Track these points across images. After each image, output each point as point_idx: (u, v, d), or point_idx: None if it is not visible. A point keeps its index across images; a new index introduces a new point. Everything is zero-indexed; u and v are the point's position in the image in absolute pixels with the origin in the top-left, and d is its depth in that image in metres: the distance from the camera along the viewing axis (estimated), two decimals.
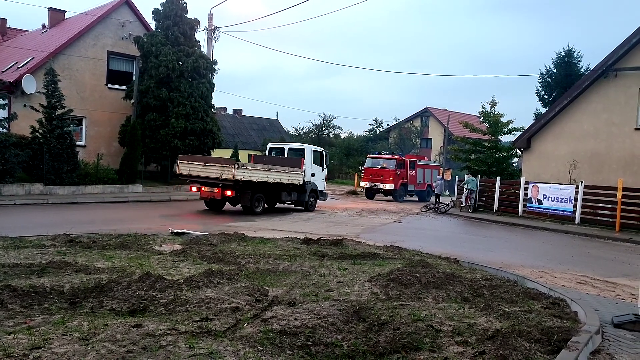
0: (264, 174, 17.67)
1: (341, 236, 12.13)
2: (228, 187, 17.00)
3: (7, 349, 3.90)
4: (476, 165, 28.27)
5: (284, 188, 19.00)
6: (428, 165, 35.23)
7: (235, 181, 16.57)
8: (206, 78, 26.68)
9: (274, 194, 19.13)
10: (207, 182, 17.42)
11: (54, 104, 20.44)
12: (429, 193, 33.16)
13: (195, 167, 17.42)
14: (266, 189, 18.30)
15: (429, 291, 6.64)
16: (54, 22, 31.31)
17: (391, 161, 31.37)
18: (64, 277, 6.40)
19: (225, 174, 16.53)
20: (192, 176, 17.57)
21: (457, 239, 15.31)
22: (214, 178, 16.89)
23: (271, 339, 4.49)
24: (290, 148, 21.68)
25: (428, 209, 24.70)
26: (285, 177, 18.54)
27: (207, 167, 17.16)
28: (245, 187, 17.40)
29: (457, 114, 57.13)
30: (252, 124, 66.16)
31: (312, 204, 20.79)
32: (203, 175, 17.24)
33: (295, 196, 19.88)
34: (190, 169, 17.48)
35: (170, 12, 26.05)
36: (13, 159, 18.81)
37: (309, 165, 20.49)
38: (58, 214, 15.51)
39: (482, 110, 29.36)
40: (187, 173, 17.58)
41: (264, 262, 8.12)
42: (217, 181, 16.90)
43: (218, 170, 16.76)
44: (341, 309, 5.49)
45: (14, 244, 8.59)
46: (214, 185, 17.28)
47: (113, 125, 26.54)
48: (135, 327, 4.58)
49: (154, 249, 9.03)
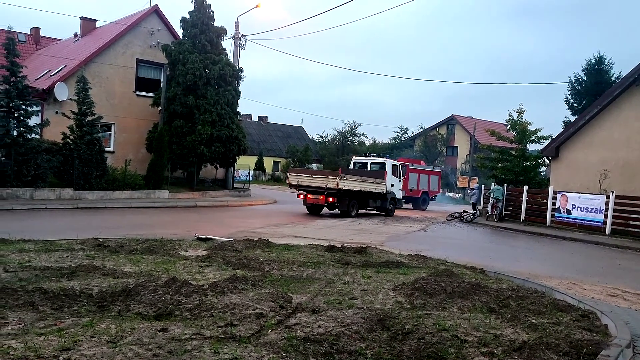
0: (357, 184, 21.07)
1: (365, 244, 12.09)
2: (331, 194, 20.49)
3: (38, 350, 3.99)
4: (503, 174, 27.89)
5: (371, 196, 22.44)
6: (424, 170, 32.06)
7: (338, 190, 20.04)
8: (232, 85, 27.00)
9: (363, 201, 22.37)
10: (312, 191, 20.93)
11: (84, 110, 20.91)
12: (424, 201, 31.21)
13: (304, 178, 21.14)
14: (358, 196, 21.77)
15: (454, 301, 6.57)
16: (85, 31, 32.11)
17: None
18: (92, 281, 6.52)
19: (330, 184, 20.05)
20: (300, 186, 21.19)
21: (482, 248, 15.11)
22: (319, 187, 20.44)
23: (295, 346, 4.49)
24: (373, 162, 25.34)
25: (453, 217, 24.47)
26: (373, 186, 22.05)
27: (313, 178, 20.91)
28: (343, 195, 20.81)
29: (484, 122, 56.56)
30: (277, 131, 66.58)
31: (391, 209, 24.12)
32: (310, 185, 20.82)
33: (379, 203, 23.13)
34: (299, 180, 21.14)
35: (197, 21, 26.47)
36: (45, 164, 19.29)
37: (390, 176, 23.90)
38: (87, 219, 15.82)
39: (509, 118, 28.99)
40: (296, 183, 21.24)
41: (287, 268, 8.14)
42: (322, 190, 20.37)
43: (324, 180, 20.34)
44: (365, 317, 5.47)
45: (45, 248, 8.78)
46: (318, 193, 20.75)
47: (141, 131, 27.00)
48: (161, 331, 4.64)
49: (179, 254, 9.12)
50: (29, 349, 4.02)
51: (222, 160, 27.32)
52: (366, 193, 21.98)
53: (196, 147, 25.05)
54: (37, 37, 37.12)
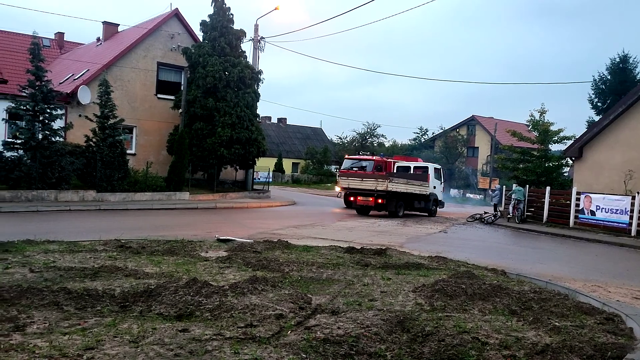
0: (404, 186, 22.39)
1: (385, 245, 12.05)
2: (380, 196, 21.90)
3: (63, 349, 4.07)
4: (524, 175, 27.58)
5: (416, 197, 23.75)
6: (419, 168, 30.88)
7: (387, 192, 21.52)
8: (251, 88, 27.14)
9: (409, 202, 23.73)
10: (362, 193, 22.42)
11: (106, 113, 21.21)
12: None
13: (354, 181, 22.76)
14: (405, 198, 23.14)
15: (474, 303, 6.51)
16: (108, 35, 32.60)
17: (369, 162, 26.29)
18: (115, 281, 6.61)
19: (379, 186, 21.52)
20: (351, 188, 22.94)
21: (504, 250, 14.95)
22: (369, 189, 21.93)
23: (314, 347, 4.50)
24: (416, 166, 26.48)
25: (474, 219, 24.24)
26: (418, 188, 23.30)
27: (363, 181, 22.38)
28: (391, 197, 22.18)
29: (505, 123, 55.98)
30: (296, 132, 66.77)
31: (434, 210, 25.40)
32: (360, 188, 22.38)
33: (423, 204, 24.40)
34: (350, 183, 22.92)
35: (217, 24, 26.67)
36: (68, 166, 19.61)
37: (432, 179, 24.94)
38: (109, 220, 16.04)
39: (531, 118, 28.67)
40: (346, 186, 23.14)
41: (307, 270, 8.15)
42: (372, 192, 21.86)
43: (373, 183, 21.83)
44: (385, 319, 5.45)
45: (69, 248, 8.93)
46: (368, 195, 22.18)
47: (162, 134, 27.31)
48: (182, 331, 4.69)
49: (200, 255, 9.20)
50: (53, 347, 4.10)
51: (242, 162, 27.48)
52: (412, 195, 23.34)
53: (216, 149, 25.23)
54: (61, 42, 37.78)
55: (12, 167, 18.37)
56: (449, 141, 58.68)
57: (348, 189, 23.36)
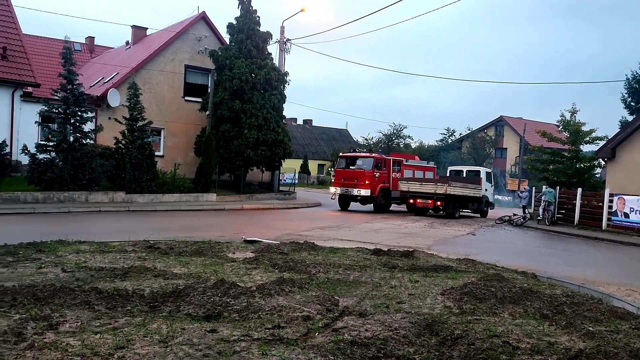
0: (460, 189, 23.92)
1: (412, 248, 11.95)
2: (439, 199, 23.65)
3: (94, 348, 4.13)
4: (555, 176, 27.06)
5: (470, 200, 25.23)
6: (419, 166, 29.03)
7: (446, 195, 23.21)
8: (278, 89, 27.23)
9: (464, 204, 25.16)
10: (422, 196, 24.07)
11: (135, 116, 21.54)
12: None
13: (414, 185, 24.48)
14: (460, 200, 24.55)
15: (505, 306, 6.39)
16: (136, 39, 33.17)
17: (367, 160, 25.37)
18: (144, 282, 6.69)
19: (439, 190, 23.27)
20: (411, 192, 24.50)
21: (534, 252, 14.68)
22: (429, 193, 23.70)
23: (342, 349, 4.47)
24: (468, 170, 28.45)
25: (503, 221, 23.89)
26: (472, 191, 24.87)
27: (423, 185, 24.23)
28: (449, 199, 23.71)
29: (534, 123, 55.02)
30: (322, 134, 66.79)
31: (486, 212, 26.68)
32: (420, 191, 24.11)
33: (476, 205, 25.85)
34: (409, 187, 24.55)
35: (243, 26, 26.85)
36: (99, 168, 19.97)
37: (484, 182, 26.37)
38: (138, 221, 16.28)
39: (562, 118, 28.13)
40: (406, 190, 24.58)
41: (334, 271, 8.13)
42: (431, 195, 23.63)
43: (433, 187, 23.65)
44: (413, 322, 5.38)
45: (100, 249, 9.09)
46: (427, 198, 23.93)
47: (189, 136, 27.62)
48: (210, 332, 4.71)
49: (227, 256, 9.25)
50: (85, 346, 4.16)
51: (268, 164, 27.60)
52: (467, 197, 24.81)
53: (243, 150, 25.40)
54: (92, 46, 38.61)
55: (45, 168, 18.79)
56: (477, 142, 57.96)
57: (408, 193, 24.71)
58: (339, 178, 25.68)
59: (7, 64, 22.69)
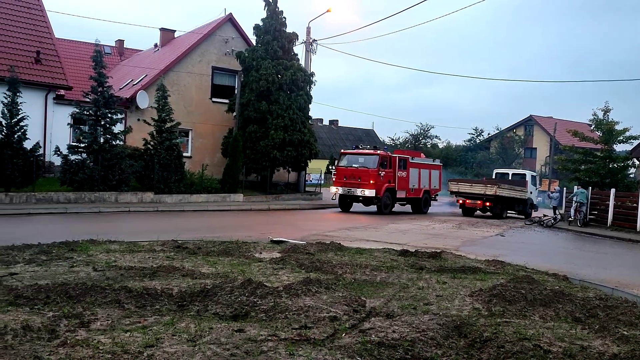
0: (507, 191, 24.92)
1: (439, 248, 11.83)
2: (489, 200, 24.80)
3: (125, 346, 4.19)
4: (586, 177, 26.46)
5: (516, 201, 26.01)
6: (425, 164, 27.00)
7: (495, 196, 24.42)
8: (304, 90, 27.28)
9: (510, 205, 26.11)
10: (470, 196, 25.31)
11: (163, 117, 21.84)
12: (426, 201, 26.13)
13: (464, 186, 25.80)
14: (507, 201, 25.57)
15: (535, 309, 6.27)
16: (165, 41, 33.65)
17: (372, 158, 23.21)
18: (172, 281, 6.77)
19: (488, 191, 24.48)
20: (460, 192, 25.76)
21: (565, 254, 14.38)
22: (478, 194, 24.94)
23: (369, 350, 4.44)
24: (514, 173, 29.32)
25: (533, 222, 23.47)
26: (519, 193, 25.76)
27: (473, 186, 25.54)
28: (497, 200, 24.77)
29: (565, 122, 53.95)
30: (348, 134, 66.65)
31: (530, 213, 26.98)
32: (469, 192, 25.34)
33: (521, 207, 26.51)
34: (459, 187, 25.83)
35: (270, 27, 26.98)
36: (128, 169, 20.32)
37: (530, 185, 27.09)
38: (166, 221, 16.50)
39: (594, 117, 27.48)
40: (456, 190, 25.87)
41: (360, 272, 8.09)
42: (481, 196, 24.89)
43: (482, 188, 24.89)
44: (441, 324, 5.32)
45: (129, 248, 9.24)
46: (476, 199, 25.16)
47: (216, 137, 27.89)
48: (237, 331, 4.73)
49: (254, 256, 9.30)
50: (116, 344, 4.23)
51: (294, 164, 27.67)
52: (513, 199, 25.71)
53: (269, 151, 25.52)
54: (121, 49, 39.33)
55: (77, 169, 19.20)
56: (505, 142, 57.09)
57: (457, 193, 25.88)
58: (340, 177, 23.74)
59: (41, 67, 23.27)
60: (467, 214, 26.01)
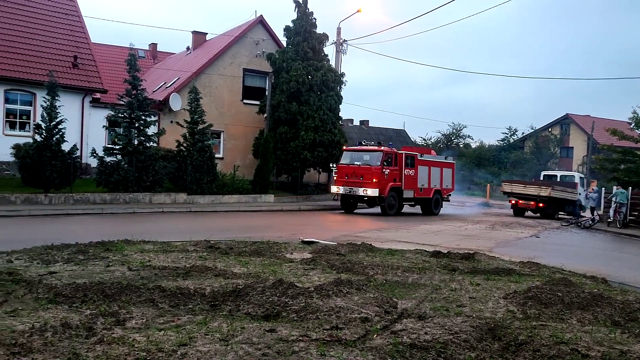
0: (560, 193, 25.57)
1: (472, 250, 11.65)
2: (542, 201, 25.24)
3: (159, 344, 4.25)
4: (626, 176, 25.67)
5: (567, 202, 26.53)
6: (436, 161, 25.21)
7: (549, 197, 24.98)
8: (334, 91, 27.28)
9: (561, 207, 26.56)
10: (524, 197, 25.91)
11: (196, 119, 22.16)
12: (437, 202, 24.46)
13: (517, 187, 26.56)
14: (559, 203, 26.07)
15: (572, 312, 6.11)
16: (196, 44, 34.13)
17: (375, 155, 21.81)
18: (205, 281, 6.85)
19: (542, 193, 25.14)
20: (514, 193, 26.46)
21: (604, 256, 13.99)
22: (532, 195, 25.53)
23: (401, 352, 4.40)
24: (562, 175, 30.11)
25: (569, 223, 22.92)
26: (570, 195, 26.37)
27: (527, 187, 26.27)
28: (550, 202, 25.28)
29: (603, 121, 52.40)
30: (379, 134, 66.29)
31: (577, 214, 27.03)
32: (523, 193, 26.00)
33: (570, 208, 26.96)
34: (513, 189, 26.58)
35: (300, 29, 27.07)
36: (161, 170, 20.68)
37: (579, 186, 27.83)
38: (199, 221, 16.72)
39: (634, 115, 26.66)
40: (509, 191, 26.69)
41: (392, 273, 8.04)
42: (534, 197, 25.39)
43: (536, 190, 25.57)
44: (474, 326, 5.24)
45: (163, 248, 9.39)
46: (529, 200, 25.64)
47: (247, 138, 28.15)
48: (269, 331, 4.76)
49: (285, 256, 9.34)
50: (150, 342, 4.30)
51: (325, 165, 27.69)
52: (564, 200, 26.23)
53: (300, 152, 25.61)
54: (155, 52, 40.06)
55: (112, 171, 19.64)
56: (540, 141, 55.86)
57: (511, 194, 26.62)
58: (342, 175, 22.30)
59: (78, 72, 23.89)
60: (518, 214, 26.54)
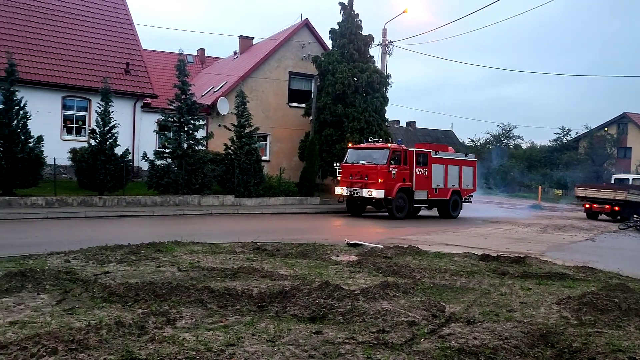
0: (636, 196, 25.07)
1: (523, 253, 11.34)
2: (618, 205, 24.87)
3: (207, 344, 4.35)
4: None
5: None
6: (454, 159, 23.25)
7: (625, 201, 24.62)
8: (380, 92, 27.11)
9: (636, 210, 25.06)
10: (598, 201, 25.56)
11: (243, 123, 22.50)
12: (455, 203, 22.72)
13: (591, 191, 26.29)
14: (635, 206, 25.01)
15: (630, 319, 5.85)
16: (243, 49, 34.67)
17: (381, 152, 20.23)
18: (252, 282, 6.94)
19: (618, 196, 24.81)
20: (587, 197, 26.18)
21: None
22: (607, 199, 25.14)
23: (449, 357, 4.33)
24: (634, 177, 30.55)
25: (627, 226, 21.96)
26: None
27: (601, 192, 25.87)
28: (626, 205, 24.80)
29: None
30: (426, 136, 65.56)
31: None
32: (597, 197, 25.62)
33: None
34: (586, 193, 26.34)
35: (346, 31, 27.06)
36: (210, 173, 21.10)
37: None
38: (246, 223, 16.96)
39: None
40: (583, 195, 26.41)
41: (439, 277, 7.92)
42: (610, 201, 25.02)
43: (612, 194, 25.17)
44: (525, 332, 5.10)
45: (211, 250, 9.58)
46: (604, 203, 25.31)
47: (293, 141, 28.35)
48: (315, 333, 4.78)
49: (331, 258, 9.35)
50: (199, 342, 4.39)
51: None
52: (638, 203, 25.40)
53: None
54: (203, 57, 40.95)
55: (162, 174, 20.20)
56: (595, 141, 53.80)
57: (584, 198, 26.27)
58: (346, 175, 20.86)
59: (130, 78, 24.70)
60: (592, 218, 26.34)
